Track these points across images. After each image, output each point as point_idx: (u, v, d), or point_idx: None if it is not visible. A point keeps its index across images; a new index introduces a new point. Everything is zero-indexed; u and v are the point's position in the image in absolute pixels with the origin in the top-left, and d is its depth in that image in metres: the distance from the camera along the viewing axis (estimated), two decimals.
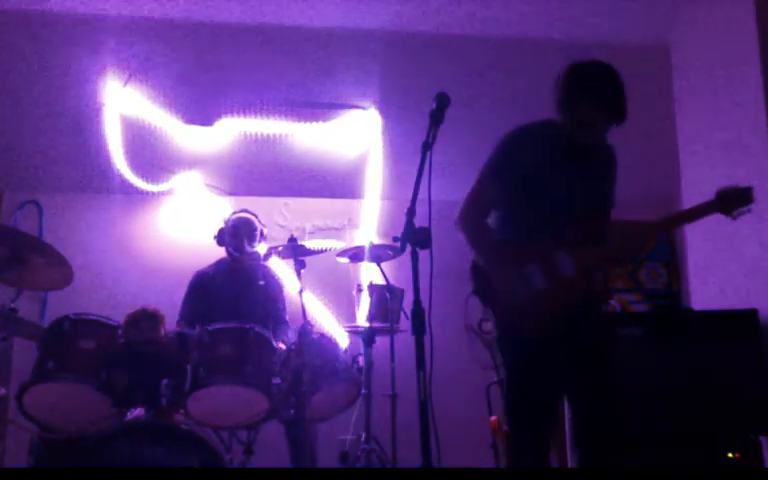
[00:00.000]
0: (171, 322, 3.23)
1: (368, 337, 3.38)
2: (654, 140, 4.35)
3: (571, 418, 2.29)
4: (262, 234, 3.53)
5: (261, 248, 3.49)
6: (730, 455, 3.00)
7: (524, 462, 2.23)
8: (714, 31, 3.84)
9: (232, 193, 4.27)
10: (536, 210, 2.27)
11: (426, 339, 1.83)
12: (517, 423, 2.27)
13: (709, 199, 2.33)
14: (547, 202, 2.27)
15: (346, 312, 3.89)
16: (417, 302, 1.85)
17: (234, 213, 3.56)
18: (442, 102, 1.99)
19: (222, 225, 3.57)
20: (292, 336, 3.24)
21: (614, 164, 2.43)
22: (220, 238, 3.54)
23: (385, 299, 3.34)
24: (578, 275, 2.22)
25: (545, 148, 2.28)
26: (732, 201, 2.31)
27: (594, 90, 2.24)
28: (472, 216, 2.31)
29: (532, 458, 2.21)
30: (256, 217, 3.55)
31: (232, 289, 3.43)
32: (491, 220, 2.36)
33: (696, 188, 3.99)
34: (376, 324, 3.36)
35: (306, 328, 2.78)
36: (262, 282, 3.49)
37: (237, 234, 3.46)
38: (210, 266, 3.58)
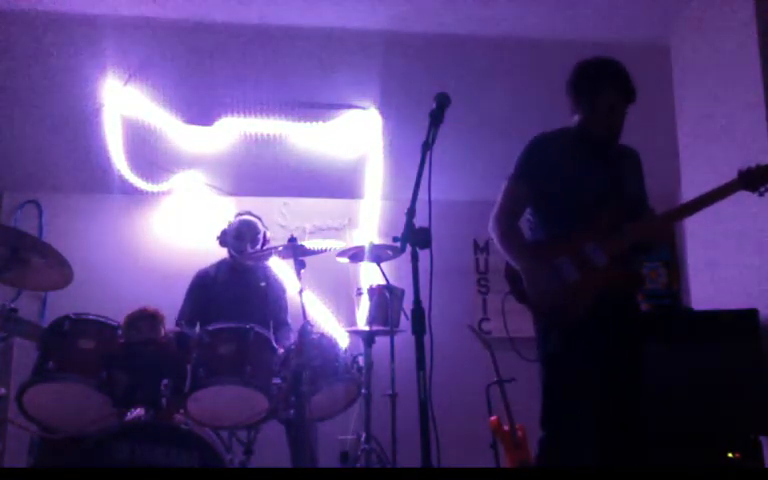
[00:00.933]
0: (171, 322, 3.23)
1: (368, 337, 3.38)
2: (654, 140, 4.36)
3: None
4: (265, 237, 3.53)
5: None
6: (730, 455, 3.00)
7: (559, 462, 2.21)
8: (714, 31, 3.84)
9: (232, 193, 4.26)
10: (563, 206, 2.33)
11: (426, 339, 1.83)
12: (553, 421, 2.25)
13: (732, 179, 2.36)
14: (572, 197, 2.32)
15: (346, 312, 3.89)
16: (417, 302, 1.85)
17: (238, 215, 3.56)
18: (442, 102, 2.00)
19: (225, 226, 3.56)
20: (293, 337, 3.24)
21: (639, 167, 2.51)
22: (223, 239, 3.54)
23: (385, 301, 3.33)
24: (610, 264, 2.26)
25: (566, 148, 2.37)
26: (757, 178, 2.33)
27: (614, 77, 2.37)
28: (503, 220, 2.37)
29: (567, 458, 2.20)
30: (260, 220, 3.55)
31: (234, 290, 3.43)
32: (525, 231, 2.44)
33: (696, 188, 3.98)
34: (376, 327, 3.35)
35: (306, 328, 2.78)
36: (263, 283, 3.48)
37: (240, 237, 3.46)
38: (212, 266, 3.57)
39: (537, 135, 2.41)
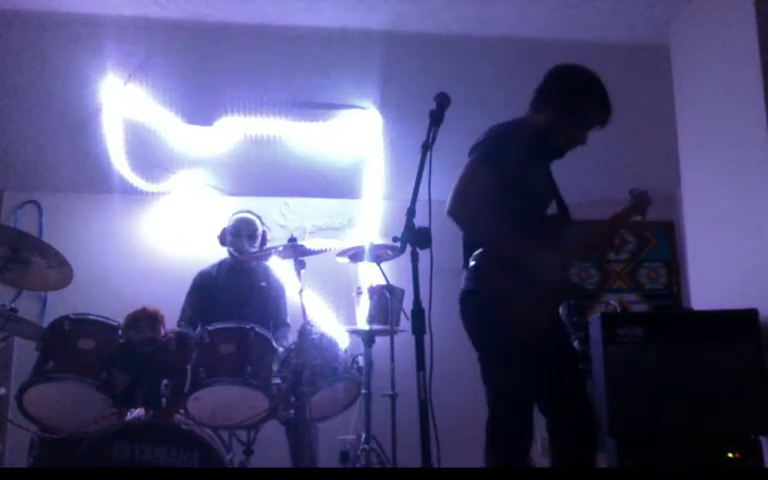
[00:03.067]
0: (171, 322, 3.23)
1: (368, 337, 3.38)
2: (654, 140, 4.35)
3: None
4: (264, 236, 3.52)
5: None
6: (730, 455, 3.00)
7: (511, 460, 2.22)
8: (714, 31, 3.83)
9: (232, 193, 4.27)
10: (517, 207, 2.23)
11: (426, 339, 1.83)
12: (504, 420, 2.25)
13: (628, 205, 2.48)
14: (527, 200, 2.27)
15: (346, 312, 3.89)
16: (417, 302, 1.85)
17: (237, 213, 3.56)
18: (442, 102, 2.00)
19: (226, 224, 3.56)
20: (292, 338, 3.24)
21: None
22: (222, 238, 3.54)
23: (385, 301, 3.33)
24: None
25: (528, 149, 2.28)
26: (642, 204, 2.46)
27: (603, 102, 2.32)
28: (480, 203, 2.15)
29: (519, 458, 2.21)
30: (259, 218, 3.54)
31: (234, 290, 3.42)
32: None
33: (696, 188, 3.99)
34: (376, 326, 3.35)
35: (306, 328, 2.78)
36: (264, 283, 3.48)
37: (238, 234, 3.46)
38: (213, 266, 3.57)
39: (501, 125, 2.28)
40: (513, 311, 2.19)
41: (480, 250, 2.23)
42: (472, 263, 2.25)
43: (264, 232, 3.53)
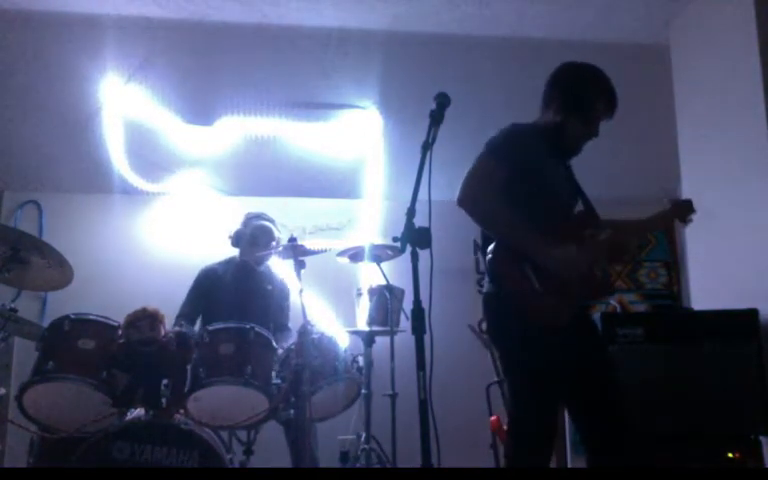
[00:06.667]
0: (171, 322, 3.23)
1: (368, 337, 3.38)
2: (654, 140, 4.36)
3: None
4: (278, 241, 3.46)
5: None
6: (730, 455, 3.00)
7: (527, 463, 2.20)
8: (714, 31, 3.84)
9: (232, 193, 4.26)
10: (537, 206, 2.21)
11: (426, 339, 1.83)
12: (524, 427, 2.22)
13: (666, 208, 2.47)
14: (542, 200, 2.24)
15: (346, 312, 3.89)
16: (417, 302, 1.85)
17: (254, 218, 3.48)
18: (442, 102, 2.00)
19: (239, 226, 3.48)
20: (292, 341, 3.23)
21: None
22: (236, 241, 3.47)
23: (385, 302, 3.33)
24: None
25: (540, 147, 2.28)
26: (684, 211, 2.46)
27: (609, 95, 2.32)
28: (490, 192, 2.13)
29: (536, 459, 2.20)
30: (274, 224, 3.48)
31: (240, 290, 3.38)
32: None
33: (696, 188, 3.99)
34: (376, 327, 3.35)
35: (306, 328, 2.78)
36: (269, 287, 3.45)
37: (255, 243, 3.40)
38: (219, 264, 3.52)
39: (517, 124, 2.29)
40: (529, 308, 2.15)
41: (492, 246, 2.18)
42: (488, 257, 2.20)
43: (278, 239, 3.46)
